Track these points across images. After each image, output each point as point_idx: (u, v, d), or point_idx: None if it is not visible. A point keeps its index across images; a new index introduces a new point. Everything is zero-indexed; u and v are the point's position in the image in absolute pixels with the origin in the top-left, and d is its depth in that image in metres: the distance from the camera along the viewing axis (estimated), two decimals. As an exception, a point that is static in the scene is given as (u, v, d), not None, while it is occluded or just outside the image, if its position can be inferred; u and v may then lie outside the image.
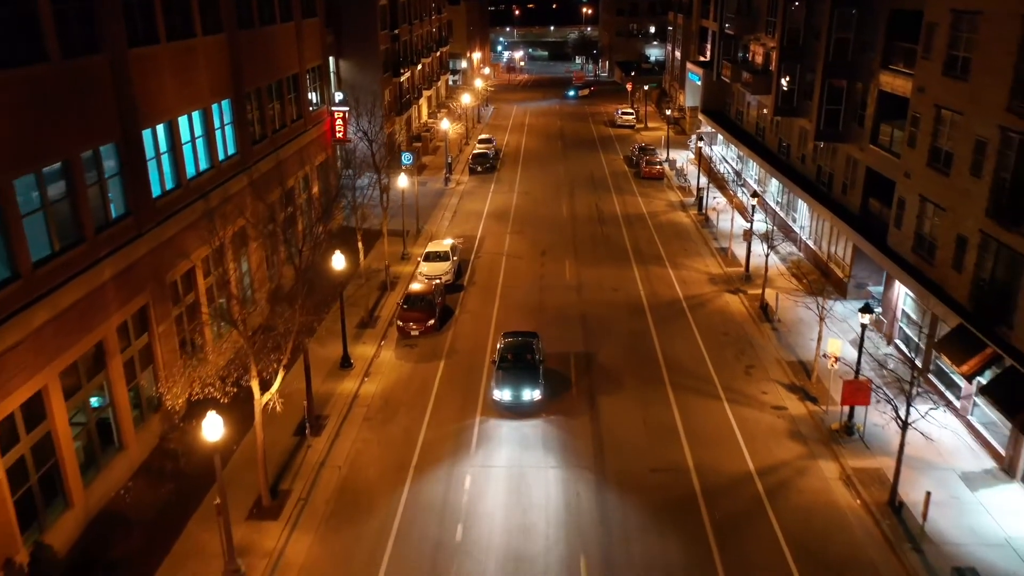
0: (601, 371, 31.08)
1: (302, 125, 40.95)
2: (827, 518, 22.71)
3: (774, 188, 49.47)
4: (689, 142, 70.41)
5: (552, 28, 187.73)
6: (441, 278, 38.29)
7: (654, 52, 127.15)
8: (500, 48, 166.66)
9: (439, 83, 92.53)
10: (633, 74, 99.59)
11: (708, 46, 68.67)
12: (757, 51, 51.92)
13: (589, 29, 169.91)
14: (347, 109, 47.00)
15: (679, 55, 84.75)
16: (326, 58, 47.10)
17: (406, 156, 52.30)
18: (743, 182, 56.60)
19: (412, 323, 33.70)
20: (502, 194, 57.38)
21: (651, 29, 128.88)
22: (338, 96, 51.67)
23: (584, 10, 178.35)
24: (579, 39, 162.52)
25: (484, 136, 72.88)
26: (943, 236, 28.21)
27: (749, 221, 44.19)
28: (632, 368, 31.34)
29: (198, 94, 28.80)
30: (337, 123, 46.37)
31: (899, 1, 33.43)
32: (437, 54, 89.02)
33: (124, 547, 21.17)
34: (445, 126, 61.82)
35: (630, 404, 28.71)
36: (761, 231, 39.78)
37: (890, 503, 22.81)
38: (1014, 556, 20.89)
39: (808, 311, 33.32)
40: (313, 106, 43.39)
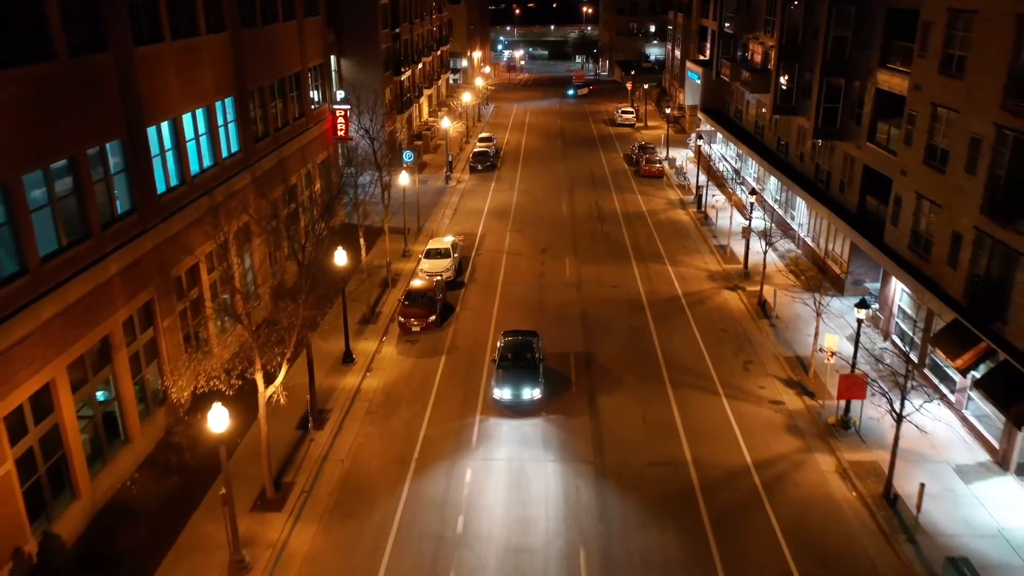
0: (600, 367, 31.38)
1: (304, 123, 41.24)
2: (823, 510, 23.02)
3: (773, 186, 49.76)
4: (689, 140, 70.72)
5: (552, 27, 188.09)
6: (442, 275, 38.50)
7: (654, 51, 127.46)
8: (500, 47, 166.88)
9: (440, 82, 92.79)
10: (633, 73, 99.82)
11: (708, 45, 68.96)
12: (756, 50, 52.21)
13: (589, 28, 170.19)
14: (349, 107, 47.24)
15: (679, 54, 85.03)
16: (328, 57, 47.41)
17: (407, 154, 52.59)
18: (742, 180, 56.89)
19: (413, 319, 33.99)
20: (502, 192, 57.66)
21: (651, 28, 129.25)
22: (340, 94, 51.91)
23: (584, 9, 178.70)
24: (579, 38, 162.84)
25: (485, 135, 73.14)
26: (939, 233, 28.52)
27: (748, 219, 44.51)
28: (631, 364, 31.64)
29: (202, 92, 29.12)
30: (339, 121, 46.65)
31: (896, 0, 33.75)
32: (438, 53, 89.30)
33: (130, 538, 21.51)
34: (446, 125, 62.07)
35: (629, 400, 29.00)
36: (759, 228, 40.02)
37: (885, 495, 23.12)
38: (1007, 547, 21.20)
39: (806, 307, 33.63)
40: (315, 104, 43.68)
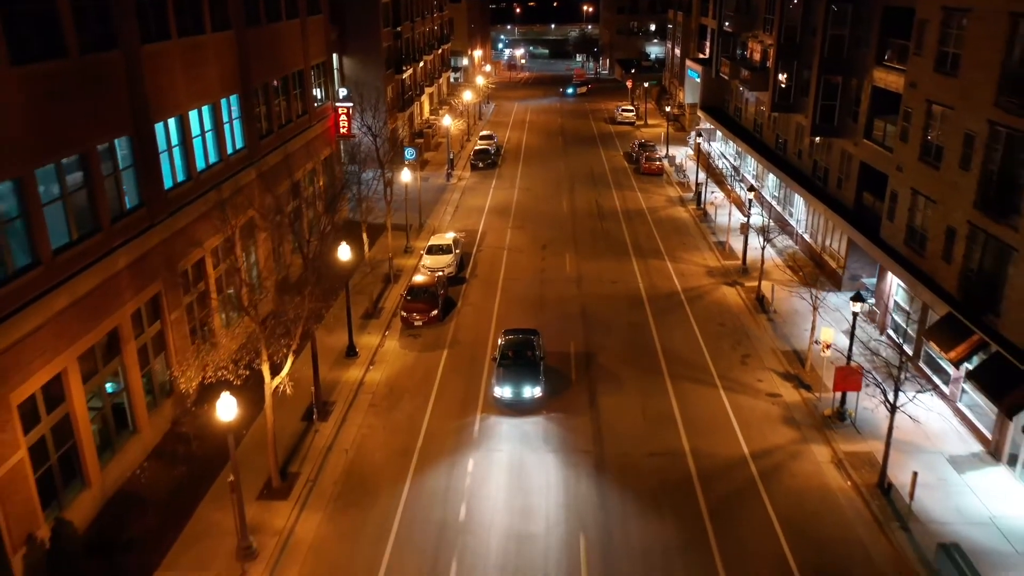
0: (600, 361, 31.82)
1: (307, 120, 41.67)
2: (819, 499, 23.46)
3: (771, 183, 50.18)
4: (688, 138, 71.11)
5: (553, 26, 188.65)
6: (444, 270, 38.92)
7: (654, 50, 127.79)
8: (501, 46, 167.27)
9: (441, 80, 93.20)
10: (633, 71, 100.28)
11: (707, 44, 69.39)
12: (755, 48, 52.65)
13: (590, 27, 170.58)
14: (351, 105, 47.66)
15: (679, 53, 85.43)
16: (330, 55, 47.85)
17: (409, 151, 53.00)
18: (741, 177, 57.29)
19: (416, 314, 34.42)
20: (503, 190, 58.07)
21: (651, 27, 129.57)
22: (342, 92, 52.33)
23: (585, 8, 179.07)
24: (580, 37, 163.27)
25: (485, 132, 73.58)
26: (933, 228, 28.95)
27: (746, 215, 44.96)
28: (631, 358, 32.06)
29: (208, 89, 29.56)
30: (341, 119, 47.07)
31: (892, -1, 34.18)
32: (439, 51, 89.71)
33: (139, 526, 21.95)
34: (447, 122, 62.49)
35: (629, 393, 29.44)
36: (758, 225, 40.45)
37: (879, 485, 23.56)
38: (997, 534, 21.64)
39: (803, 302, 34.05)
40: (318, 102, 44.10)
